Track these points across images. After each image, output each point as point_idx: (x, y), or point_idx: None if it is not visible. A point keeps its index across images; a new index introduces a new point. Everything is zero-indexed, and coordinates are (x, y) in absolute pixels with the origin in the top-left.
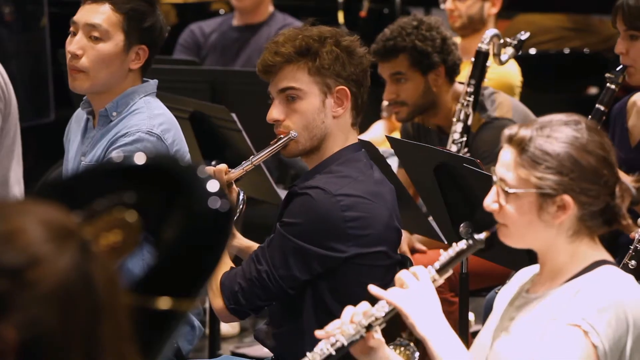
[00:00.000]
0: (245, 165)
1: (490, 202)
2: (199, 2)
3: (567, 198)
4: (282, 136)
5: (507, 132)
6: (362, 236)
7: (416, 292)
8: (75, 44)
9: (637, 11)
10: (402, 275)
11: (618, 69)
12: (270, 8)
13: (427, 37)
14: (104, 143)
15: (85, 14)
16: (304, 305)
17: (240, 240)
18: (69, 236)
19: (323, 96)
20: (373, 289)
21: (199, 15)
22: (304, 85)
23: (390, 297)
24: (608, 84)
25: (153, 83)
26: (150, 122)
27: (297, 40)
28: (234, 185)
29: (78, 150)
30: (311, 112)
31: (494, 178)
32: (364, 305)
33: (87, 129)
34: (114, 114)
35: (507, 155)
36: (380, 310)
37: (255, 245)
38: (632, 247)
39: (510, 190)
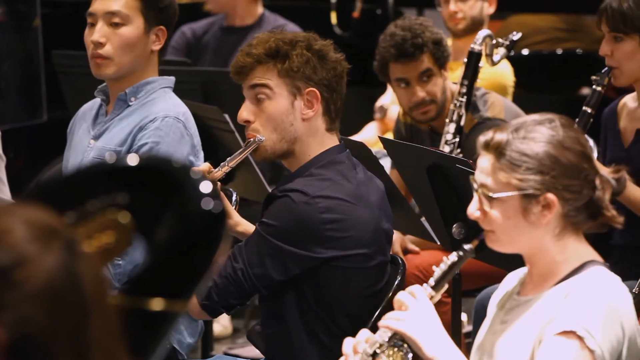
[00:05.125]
0: (223, 167)
1: (473, 210)
2: (191, 3)
3: (550, 196)
4: (250, 140)
5: (482, 138)
6: (340, 238)
7: (417, 314)
8: (97, 32)
9: (620, 14)
10: (400, 296)
11: (603, 71)
12: (259, 10)
13: (435, 33)
14: (127, 127)
15: (102, 3)
16: (289, 308)
17: (245, 226)
18: (54, 236)
19: (292, 98)
20: (380, 323)
21: (191, 17)
22: (273, 85)
23: (394, 325)
24: (594, 86)
25: (172, 79)
26: (175, 109)
27: (269, 42)
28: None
29: (84, 137)
30: (279, 113)
31: (475, 186)
32: (364, 333)
33: (99, 115)
34: (132, 99)
35: (485, 161)
36: (384, 335)
37: None
38: None
39: (494, 195)
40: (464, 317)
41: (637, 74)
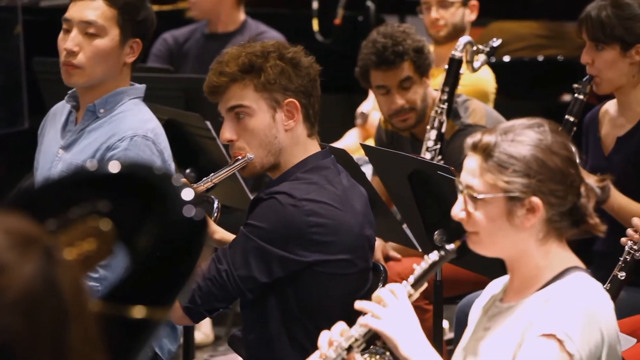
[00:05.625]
0: (206, 182)
1: (458, 210)
2: (173, 10)
3: (535, 200)
4: (239, 157)
5: (470, 140)
6: (325, 242)
7: (395, 312)
8: (71, 41)
9: (599, 23)
10: (380, 293)
11: (585, 79)
12: (241, 16)
13: (417, 41)
14: (95, 143)
15: (79, 11)
16: (271, 312)
17: (222, 234)
18: (32, 243)
19: (272, 111)
20: (359, 320)
21: (172, 24)
22: (252, 102)
23: (372, 324)
24: (576, 95)
25: (142, 87)
26: (144, 126)
27: (241, 58)
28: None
29: (54, 142)
30: (262, 129)
31: (460, 187)
32: (339, 325)
33: (68, 122)
34: (102, 110)
35: (472, 162)
36: (360, 330)
37: None
38: (621, 259)
39: (479, 196)
40: (445, 324)
41: (618, 82)
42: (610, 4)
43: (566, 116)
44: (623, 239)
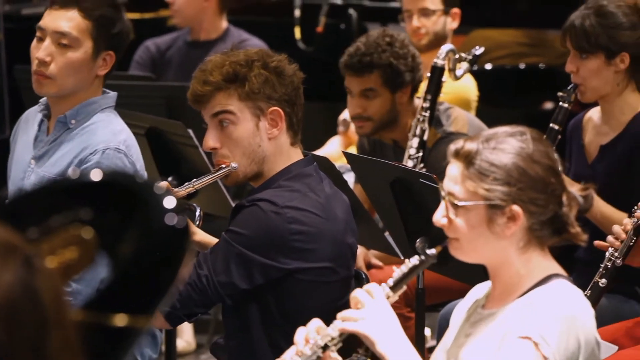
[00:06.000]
0: (187, 187)
1: (439, 217)
2: (155, 18)
3: (516, 208)
4: (223, 166)
5: (452, 146)
6: (306, 250)
7: (372, 311)
8: (43, 50)
9: (583, 32)
10: (356, 293)
11: (569, 87)
12: (224, 24)
13: (401, 55)
14: (68, 155)
15: (53, 20)
16: (252, 319)
17: (202, 236)
18: (11, 252)
19: (256, 119)
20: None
21: (155, 31)
22: (236, 109)
23: (349, 327)
24: (561, 103)
25: (113, 95)
26: (116, 139)
27: (225, 67)
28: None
29: (26, 151)
30: (246, 137)
31: (442, 193)
32: (316, 322)
33: (40, 131)
34: (73, 121)
35: (454, 169)
36: (336, 329)
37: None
38: (602, 266)
39: (460, 203)
40: (427, 331)
41: (603, 91)
42: (594, 13)
43: (551, 124)
44: (597, 242)
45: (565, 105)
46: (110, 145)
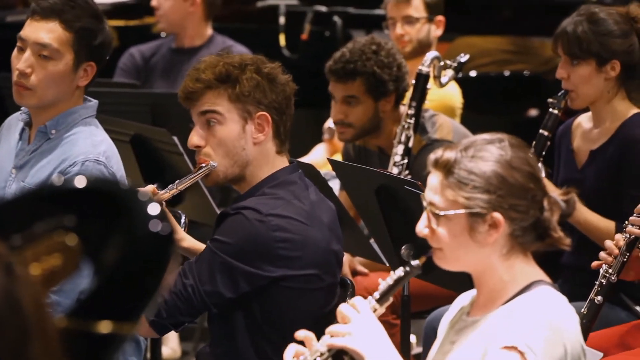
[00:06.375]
0: (171, 190)
1: (422, 227)
2: (139, 25)
3: (497, 215)
4: (203, 165)
5: (432, 156)
6: (292, 258)
7: (359, 326)
8: (23, 62)
9: (575, 38)
10: (342, 309)
11: (560, 93)
12: (209, 31)
13: (386, 64)
14: (48, 167)
15: (34, 31)
16: (238, 327)
17: (190, 242)
18: None
19: (243, 122)
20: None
21: (140, 38)
22: (224, 110)
23: (337, 343)
24: (551, 109)
25: (94, 104)
26: (95, 150)
27: (218, 67)
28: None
29: (7, 159)
30: (230, 138)
31: (424, 203)
32: (304, 333)
33: (22, 140)
34: (53, 131)
35: (434, 179)
36: (324, 345)
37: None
38: (597, 283)
39: (441, 213)
40: (413, 338)
41: (593, 97)
42: (586, 20)
43: (540, 130)
44: (594, 263)
45: (556, 111)
46: (90, 156)
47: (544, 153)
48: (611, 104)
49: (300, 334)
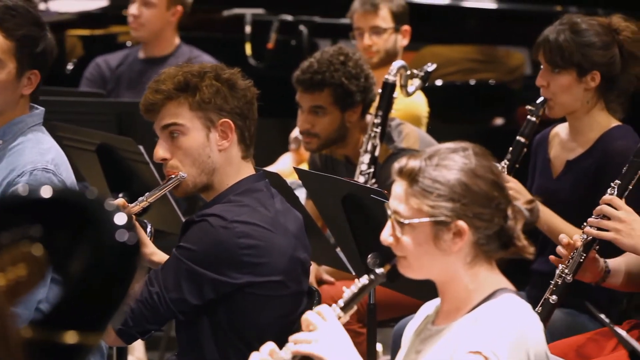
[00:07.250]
0: (141, 202)
1: (386, 235)
2: (106, 35)
3: (461, 224)
4: (172, 176)
5: (396, 165)
6: (257, 264)
7: (324, 333)
8: None
9: (557, 47)
10: (308, 316)
11: (538, 101)
12: (176, 40)
13: (354, 75)
14: None
15: None
16: (204, 335)
17: (160, 257)
18: None
19: (207, 130)
20: (289, 347)
21: (106, 48)
22: (186, 120)
23: (303, 349)
24: (529, 116)
25: (40, 112)
26: (43, 159)
27: (177, 76)
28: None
29: None
30: (195, 147)
31: (389, 212)
32: (269, 345)
33: None
34: (0, 141)
35: (398, 187)
36: (289, 352)
37: None
38: (552, 282)
39: (405, 221)
40: (379, 347)
41: (572, 107)
42: (569, 29)
43: (517, 137)
44: (552, 257)
45: (534, 119)
46: (38, 165)
47: (519, 160)
48: (590, 115)
49: (263, 348)
